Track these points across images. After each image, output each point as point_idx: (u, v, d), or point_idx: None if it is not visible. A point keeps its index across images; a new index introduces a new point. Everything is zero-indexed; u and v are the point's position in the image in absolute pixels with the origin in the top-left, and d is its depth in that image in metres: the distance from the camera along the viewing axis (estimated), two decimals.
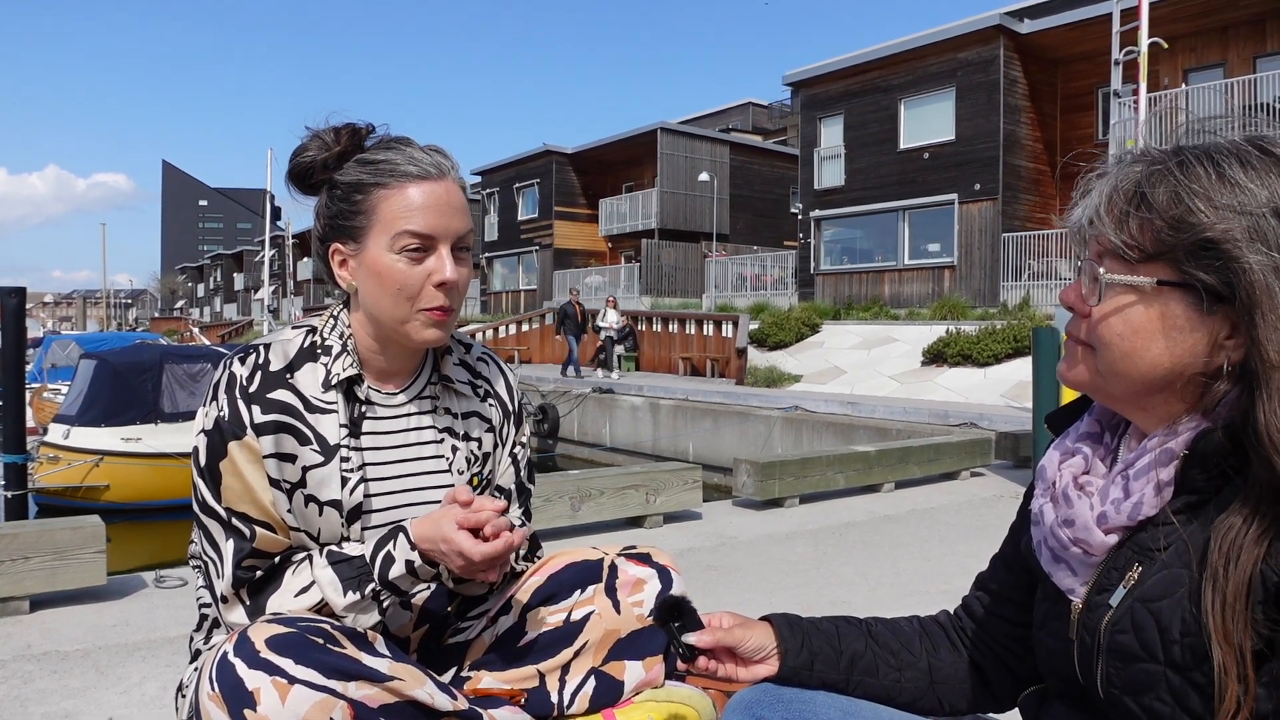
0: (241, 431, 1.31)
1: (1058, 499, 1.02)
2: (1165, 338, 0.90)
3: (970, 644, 1.23)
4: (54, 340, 22.69)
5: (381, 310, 1.36)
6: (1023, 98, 20.19)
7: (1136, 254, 0.91)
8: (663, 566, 1.55)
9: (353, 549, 1.33)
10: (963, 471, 7.10)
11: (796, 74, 24.46)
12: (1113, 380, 0.95)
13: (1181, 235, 0.88)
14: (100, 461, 10.64)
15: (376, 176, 1.34)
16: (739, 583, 3.95)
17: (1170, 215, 0.88)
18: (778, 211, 32.54)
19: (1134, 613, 0.91)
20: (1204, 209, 0.86)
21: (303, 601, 1.30)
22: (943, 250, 21.16)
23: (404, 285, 1.33)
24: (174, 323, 66.87)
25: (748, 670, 1.17)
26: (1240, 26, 17.89)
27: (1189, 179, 0.88)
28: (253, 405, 1.32)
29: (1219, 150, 0.89)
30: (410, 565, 1.29)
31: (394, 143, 1.39)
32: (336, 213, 1.37)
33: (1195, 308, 0.89)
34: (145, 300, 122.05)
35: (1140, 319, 0.91)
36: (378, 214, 1.33)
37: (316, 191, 1.41)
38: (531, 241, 34.57)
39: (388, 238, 1.32)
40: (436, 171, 1.35)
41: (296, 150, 1.40)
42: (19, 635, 3.14)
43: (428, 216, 1.33)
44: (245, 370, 1.34)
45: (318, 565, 1.32)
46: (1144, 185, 0.91)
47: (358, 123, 1.40)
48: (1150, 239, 0.90)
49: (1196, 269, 0.87)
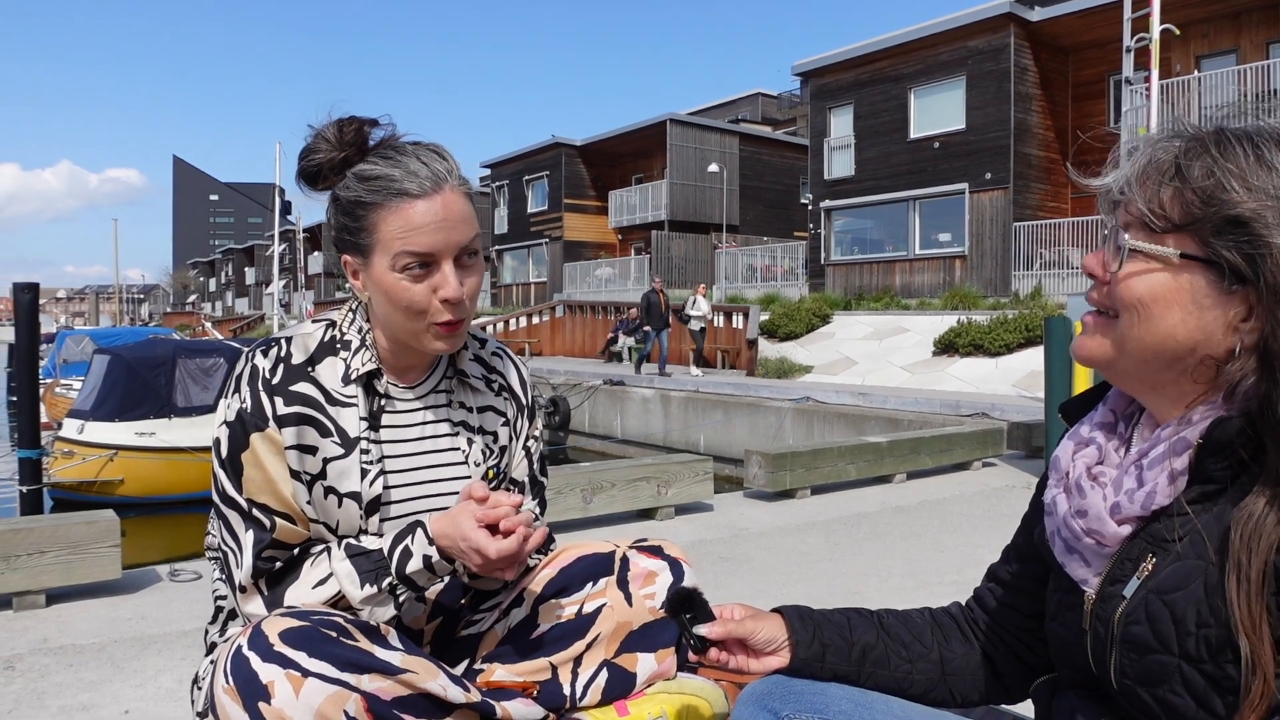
0: (264, 423, 1.32)
1: (1071, 489, 1.01)
2: (1183, 309, 0.90)
3: (982, 635, 1.23)
4: (68, 336, 22.83)
5: (394, 323, 1.37)
6: (1033, 86, 20.07)
7: (1163, 224, 0.90)
8: (674, 559, 1.55)
9: (371, 542, 1.34)
10: (975, 462, 7.09)
11: (806, 64, 24.37)
12: (1128, 351, 0.94)
13: (1210, 209, 0.87)
14: (115, 456, 10.71)
15: (374, 195, 1.32)
16: (751, 574, 3.96)
17: (1202, 188, 0.88)
18: (788, 202, 32.48)
19: (1148, 604, 0.91)
20: (1238, 187, 0.86)
21: (320, 593, 1.31)
22: (954, 240, 21.07)
23: (410, 303, 1.33)
24: (186, 317, 67.23)
25: (759, 662, 1.18)
26: (1253, 12, 17.72)
27: (1226, 158, 0.88)
28: (275, 397, 1.33)
29: (1260, 134, 0.89)
30: (428, 560, 1.30)
31: (392, 151, 1.35)
32: (341, 227, 1.37)
33: (1216, 285, 0.88)
34: (157, 295, 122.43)
35: (1161, 286, 0.91)
36: (378, 233, 1.32)
37: (326, 191, 1.41)
38: (541, 234, 34.58)
39: (388, 257, 1.31)
40: (434, 185, 1.32)
41: (306, 150, 1.38)
42: (35, 629, 3.17)
43: (426, 235, 1.31)
44: (268, 363, 1.35)
45: (335, 558, 1.33)
46: (1181, 158, 0.90)
47: (362, 117, 1.39)
48: (1179, 210, 0.89)
49: (1221, 246, 0.87)
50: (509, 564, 1.27)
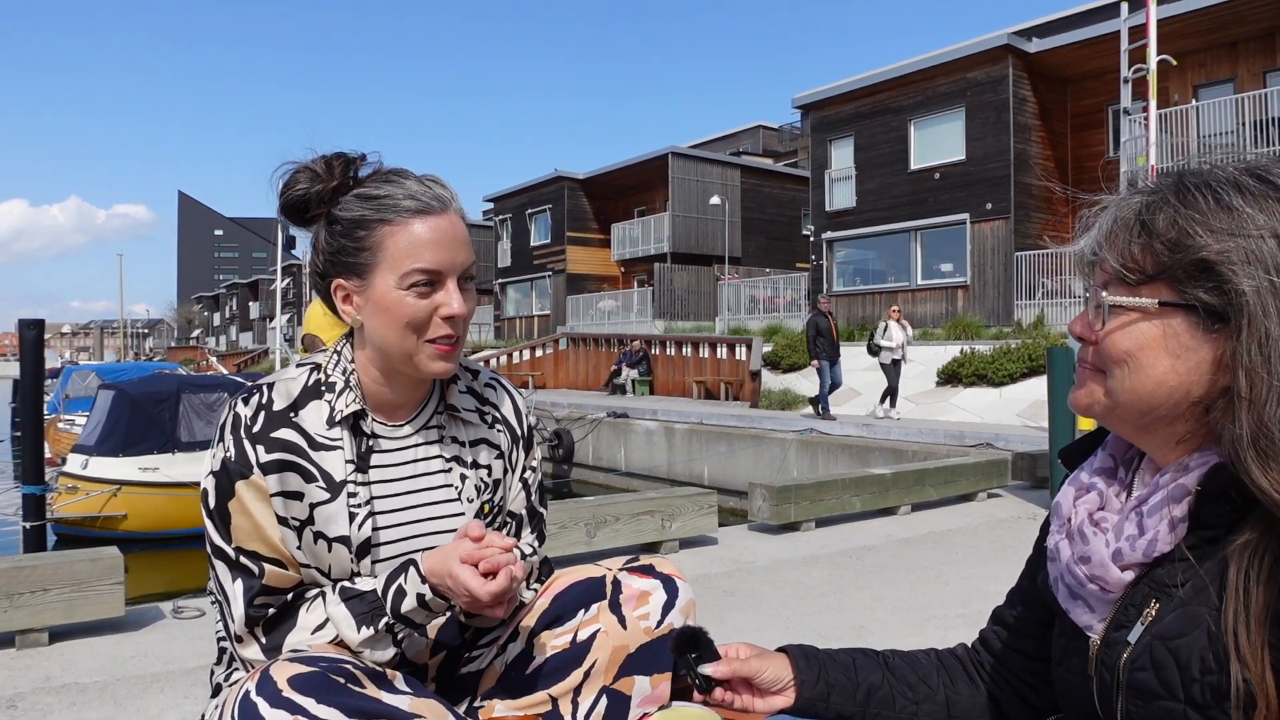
0: (248, 471, 1.32)
1: (1073, 535, 1.02)
2: (1170, 355, 0.91)
3: (988, 677, 1.23)
4: (74, 371, 22.88)
5: (389, 344, 1.36)
6: (1033, 116, 20.21)
7: (1138, 276, 0.93)
8: (667, 576, 1.54)
9: (365, 584, 1.33)
10: (980, 493, 7.06)
11: (806, 96, 24.56)
12: (1122, 402, 0.96)
13: (1178, 256, 0.89)
14: (118, 491, 10.70)
15: (380, 212, 1.33)
16: (755, 608, 3.94)
17: (1168, 238, 0.90)
18: (789, 234, 32.60)
19: (1153, 650, 0.91)
20: (1201, 232, 0.88)
21: (320, 637, 1.31)
22: (955, 270, 21.13)
23: (412, 319, 1.33)
24: (191, 352, 67.31)
25: (764, 701, 1.17)
26: (1250, 42, 17.87)
27: (1187, 206, 0.90)
28: (257, 445, 1.33)
29: (1217, 180, 0.91)
30: (421, 599, 1.29)
31: (392, 175, 1.38)
32: (339, 249, 1.36)
33: (1196, 327, 0.90)
34: (162, 330, 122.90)
35: (1145, 336, 0.92)
36: (384, 250, 1.33)
37: (313, 223, 1.41)
38: (544, 267, 34.71)
39: (396, 275, 1.32)
40: (439, 205, 1.35)
41: (286, 184, 1.39)
42: (38, 667, 3.16)
43: (435, 252, 1.33)
44: (249, 411, 1.35)
45: (330, 602, 1.32)
46: (1144, 213, 0.93)
47: (349, 153, 1.40)
48: (1151, 261, 0.92)
49: (1195, 289, 0.89)
50: (497, 602, 1.27)
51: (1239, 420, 0.86)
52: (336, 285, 1.39)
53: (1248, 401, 0.85)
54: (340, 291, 1.39)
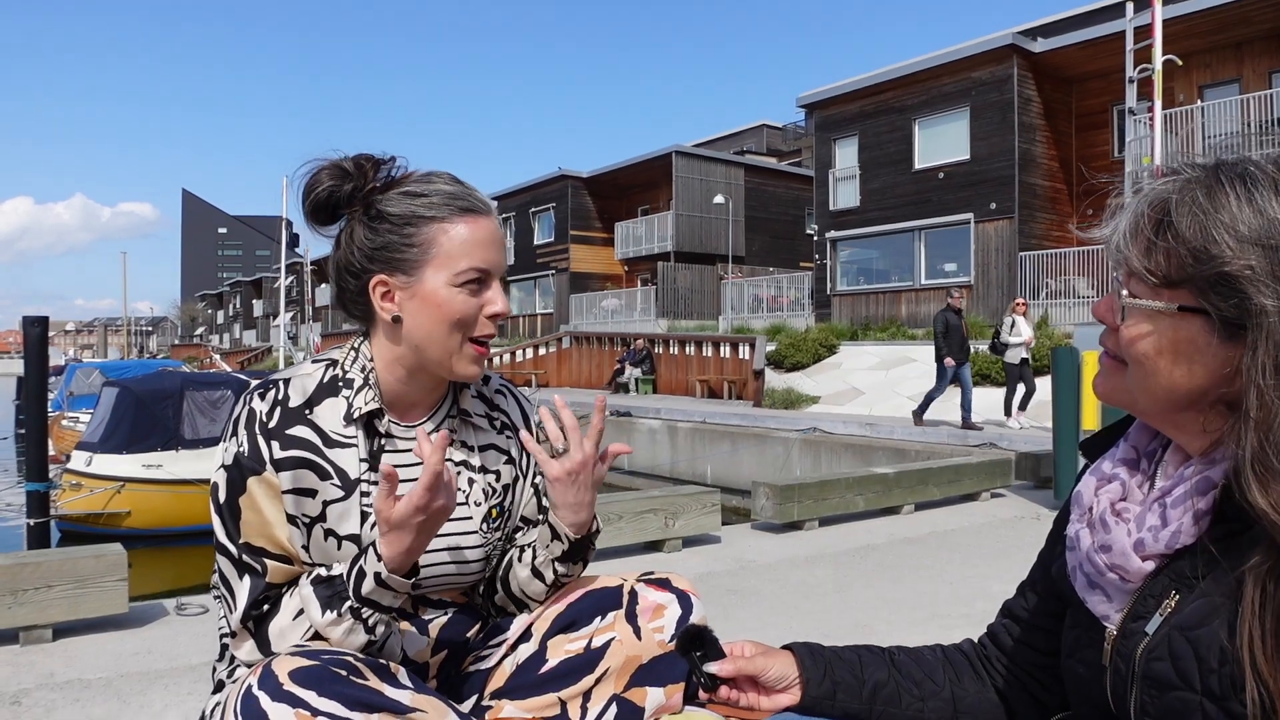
0: (261, 467, 1.32)
1: (1094, 525, 1.01)
2: (1188, 359, 0.91)
3: (995, 672, 1.22)
4: (77, 368, 22.92)
5: (432, 340, 1.37)
6: (1037, 116, 20.18)
7: (1159, 279, 0.91)
8: (683, 591, 1.54)
9: (337, 568, 1.33)
10: (983, 492, 7.05)
11: (810, 95, 24.55)
12: (1142, 397, 0.96)
13: (1201, 267, 0.88)
14: (122, 488, 10.72)
15: (435, 210, 1.35)
16: (759, 607, 3.93)
17: (1193, 246, 0.88)
18: (793, 233, 32.59)
19: (1171, 640, 0.91)
20: (1228, 240, 0.86)
21: (301, 624, 1.31)
22: (959, 270, 21.11)
23: (463, 316, 1.35)
24: (194, 349, 67.39)
25: (770, 699, 1.17)
26: (1255, 42, 17.83)
27: (1215, 208, 0.88)
28: (272, 441, 1.33)
29: (1253, 177, 0.89)
30: (379, 577, 1.27)
31: (433, 176, 1.40)
32: (385, 244, 1.36)
33: (1215, 333, 0.89)
34: (165, 327, 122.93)
35: (1163, 341, 0.92)
36: (437, 247, 1.34)
37: (335, 221, 1.41)
38: (548, 265, 34.72)
39: (449, 272, 1.34)
40: (485, 208, 1.39)
41: (310, 184, 1.38)
42: (42, 664, 3.16)
43: (487, 251, 1.37)
44: (265, 406, 1.35)
45: (302, 584, 1.32)
46: (1171, 211, 0.91)
47: (378, 154, 1.41)
48: (1174, 266, 0.90)
49: (1216, 299, 0.88)
50: (432, 481, 1.24)
51: (1244, 438, 0.85)
52: (378, 281, 1.37)
53: (1255, 420, 0.84)
54: (380, 288, 1.38)
